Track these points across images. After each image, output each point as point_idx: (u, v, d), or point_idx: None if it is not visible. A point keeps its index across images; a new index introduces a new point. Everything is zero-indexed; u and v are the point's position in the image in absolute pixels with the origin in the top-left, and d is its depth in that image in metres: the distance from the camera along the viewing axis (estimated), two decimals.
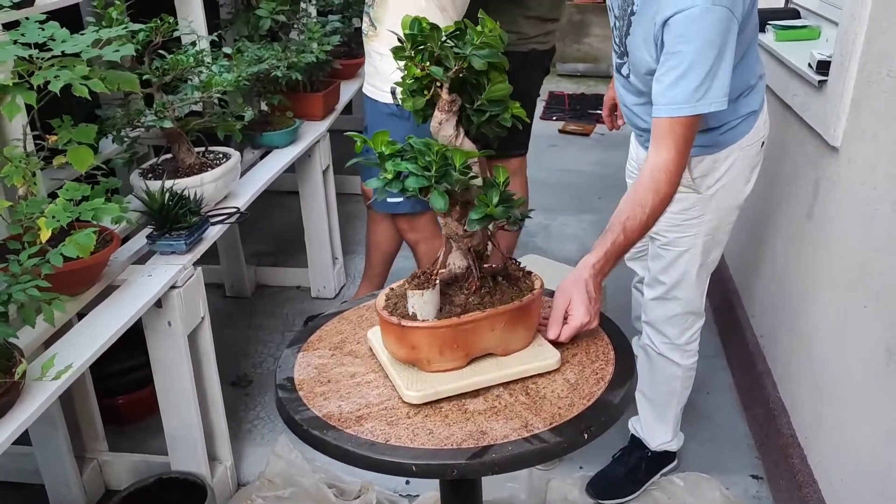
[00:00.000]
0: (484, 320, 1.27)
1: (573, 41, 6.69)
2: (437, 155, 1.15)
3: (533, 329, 1.35)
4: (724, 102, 1.52)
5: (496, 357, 1.32)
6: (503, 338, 1.30)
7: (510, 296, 1.31)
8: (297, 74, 2.66)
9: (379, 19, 2.37)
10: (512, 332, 1.30)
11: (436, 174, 1.15)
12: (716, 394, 2.56)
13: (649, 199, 1.50)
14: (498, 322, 1.28)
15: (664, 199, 1.52)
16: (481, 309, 1.28)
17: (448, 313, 1.27)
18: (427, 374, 1.28)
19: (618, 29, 1.76)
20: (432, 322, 1.26)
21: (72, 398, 2.11)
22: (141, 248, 1.96)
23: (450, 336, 1.26)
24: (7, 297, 1.31)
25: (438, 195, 1.16)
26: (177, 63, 2.05)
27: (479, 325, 1.27)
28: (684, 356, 2.00)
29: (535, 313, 1.35)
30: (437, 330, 1.25)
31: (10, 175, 1.54)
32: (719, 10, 1.46)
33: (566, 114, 5.49)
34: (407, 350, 1.28)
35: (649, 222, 1.51)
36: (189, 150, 2.13)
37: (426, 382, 1.27)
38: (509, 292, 1.31)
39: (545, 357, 1.32)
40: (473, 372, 1.29)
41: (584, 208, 3.96)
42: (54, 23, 1.55)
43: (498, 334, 1.29)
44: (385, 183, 1.17)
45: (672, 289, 1.91)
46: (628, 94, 1.84)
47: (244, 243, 3.21)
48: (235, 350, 2.85)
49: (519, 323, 1.30)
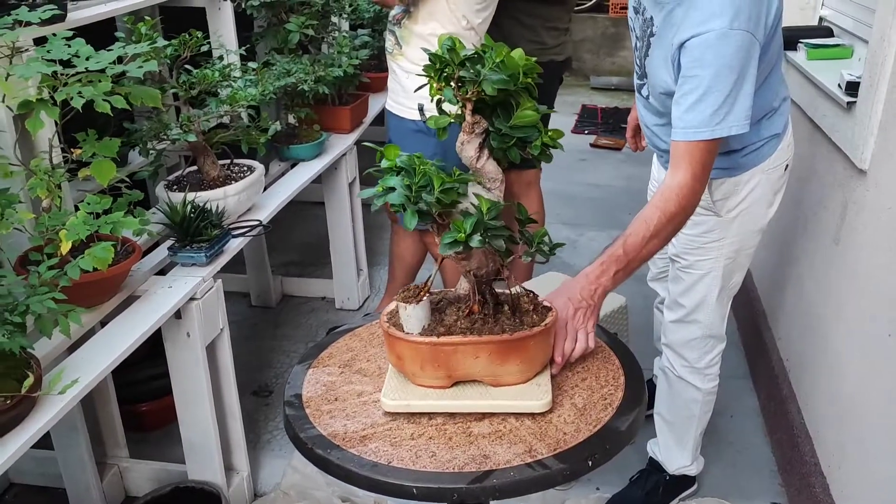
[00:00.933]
0: (465, 346, 1.26)
1: (607, 54, 6.66)
2: (419, 175, 1.15)
3: (534, 366, 1.31)
4: (744, 126, 1.49)
5: (484, 385, 1.30)
6: (491, 368, 1.28)
7: (506, 327, 1.29)
8: (324, 88, 2.69)
9: (405, 38, 2.40)
10: (501, 364, 1.27)
11: (414, 194, 1.15)
12: (740, 416, 2.51)
13: (654, 216, 1.48)
14: (482, 351, 1.26)
15: (671, 219, 1.49)
16: (464, 334, 1.27)
17: (432, 331, 1.27)
18: (412, 386, 1.29)
19: (638, 50, 1.75)
20: (411, 336, 1.27)
21: (94, 405, 2.14)
22: (164, 259, 2.00)
23: (429, 353, 1.26)
24: (25, 308, 1.34)
25: (410, 214, 1.17)
26: (203, 77, 2.08)
27: (459, 350, 1.26)
28: (704, 380, 1.96)
29: (535, 350, 1.30)
30: (414, 345, 1.27)
31: (34, 187, 1.58)
32: (737, 34, 1.44)
33: (598, 127, 5.46)
34: (394, 358, 1.32)
35: (653, 240, 1.48)
36: (213, 163, 2.16)
37: (405, 393, 1.28)
38: (508, 324, 1.29)
39: (532, 398, 1.27)
40: (455, 395, 1.29)
41: (613, 224, 3.93)
42: (80, 39, 1.58)
43: (483, 363, 1.27)
44: (376, 194, 1.20)
45: (692, 312, 1.88)
46: (649, 114, 1.82)
47: (272, 253, 3.24)
48: (259, 360, 2.88)
49: (510, 356, 1.26)
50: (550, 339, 1.33)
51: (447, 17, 2.33)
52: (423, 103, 2.39)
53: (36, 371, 1.37)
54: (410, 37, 2.38)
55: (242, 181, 2.16)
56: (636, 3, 1.73)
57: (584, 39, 6.73)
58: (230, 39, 2.62)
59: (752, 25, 1.46)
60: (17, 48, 1.59)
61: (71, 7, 1.97)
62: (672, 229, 1.49)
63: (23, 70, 1.43)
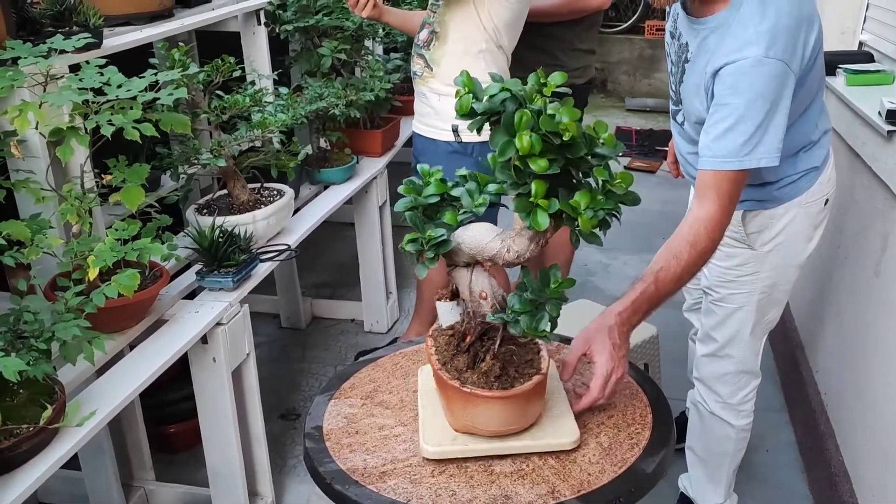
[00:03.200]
0: None
1: (643, 76, 6.62)
2: None
3: (541, 404, 1.29)
4: (775, 158, 1.45)
5: None
6: None
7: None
8: (355, 112, 2.69)
9: (436, 61, 2.39)
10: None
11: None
12: (776, 451, 2.44)
13: (685, 251, 1.44)
14: None
15: (702, 254, 1.46)
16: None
17: None
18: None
19: (673, 75, 1.72)
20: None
21: (121, 427, 2.15)
22: (192, 283, 2.00)
23: None
24: (51, 335, 1.34)
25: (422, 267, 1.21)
26: (234, 103, 2.10)
27: None
28: (738, 416, 1.90)
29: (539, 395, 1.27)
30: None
31: (65, 212, 1.59)
32: (772, 63, 1.40)
33: (633, 150, 5.41)
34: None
35: (684, 276, 1.45)
36: (243, 187, 2.17)
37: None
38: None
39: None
40: None
41: (647, 248, 3.87)
42: (112, 67, 1.60)
43: None
44: None
45: (724, 346, 1.83)
46: (683, 141, 1.79)
47: (302, 274, 3.25)
48: (287, 382, 2.87)
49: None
50: None
51: (480, 36, 2.31)
52: (457, 124, 2.38)
53: (59, 398, 1.38)
54: (442, 58, 2.38)
55: (271, 206, 2.16)
56: (672, 28, 1.70)
57: (620, 61, 6.69)
58: (264, 63, 2.64)
59: (788, 55, 1.42)
60: (51, 75, 1.61)
61: (107, 34, 2.01)
62: (702, 263, 1.46)
63: (55, 98, 1.45)
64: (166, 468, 2.36)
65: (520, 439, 1.24)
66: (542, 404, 1.26)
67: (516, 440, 1.23)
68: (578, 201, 1.13)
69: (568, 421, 1.27)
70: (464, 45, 2.34)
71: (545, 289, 1.16)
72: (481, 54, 2.35)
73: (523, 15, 2.41)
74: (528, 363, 1.24)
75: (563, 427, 1.26)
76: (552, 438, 1.24)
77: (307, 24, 2.73)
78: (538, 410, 1.26)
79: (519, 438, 1.24)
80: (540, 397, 1.24)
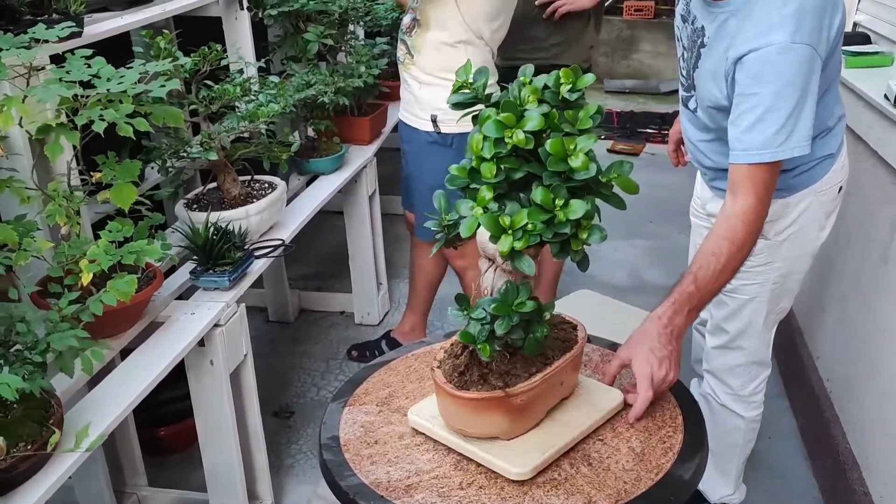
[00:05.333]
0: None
1: (622, 57, 6.57)
2: None
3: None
4: (807, 146, 1.41)
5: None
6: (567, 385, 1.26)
7: None
8: (344, 99, 2.61)
9: (417, 48, 2.34)
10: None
11: None
12: (779, 439, 2.43)
13: (724, 247, 1.40)
14: None
15: (741, 248, 1.42)
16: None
17: None
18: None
19: (685, 61, 1.66)
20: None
21: (112, 433, 2.06)
22: (185, 282, 1.92)
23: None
24: (46, 347, 1.26)
25: None
26: (223, 93, 2.01)
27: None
28: (748, 408, 1.87)
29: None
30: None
31: (52, 214, 1.50)
32: (799, 48, 1.35)
33: (614, 132, 5.37)
34: None
35: (725, 272, 1.41)
36: (234, 181, 2.09)
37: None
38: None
39: (610, 398, 1.28)
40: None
41: (636, 233, 3.84)
42: (101, 59, 1.51)
43: None
44: None
45: (736, 338, 1.80)
46: (693, 129, 1.74)
47: (289, 266, 3.16)
48: (278, 379, 2.80)
49: None
50: None
51: (459, 26, 2.28)
52: (436, 114, 2.32)
53: (56, 412, 1.30)
54: (422, 46, 2.33)
55: (265, 199, 2.08)
56: (684, 11, 1.64)
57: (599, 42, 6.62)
58: (248, 50, 2.54)
59: (815, 39, 1.37)
60: (34, 67, 1.51)
61: (86, 21, 1.90)
62: (742, 258, 1.41)
63: (41, 93, 1.35)
64: (157, 471, 2.28)
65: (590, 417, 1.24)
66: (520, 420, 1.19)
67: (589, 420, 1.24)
68: (515, 219, 1.04)
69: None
70: (444, 34, 2.30)
71: (504, 303, 1.10)
72: (461, 45, 2.30)
73: (506, 9, 2.35)
74: None
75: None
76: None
77: (291, 8, 2.63)
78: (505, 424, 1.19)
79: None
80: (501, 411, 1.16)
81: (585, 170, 1.03)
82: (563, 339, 1.24)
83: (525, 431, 1.20)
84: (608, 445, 1.22)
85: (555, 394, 1.23)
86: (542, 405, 1.21)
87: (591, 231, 1.05)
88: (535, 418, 1.21)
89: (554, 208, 1.03)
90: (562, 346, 1.23)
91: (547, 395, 1.21)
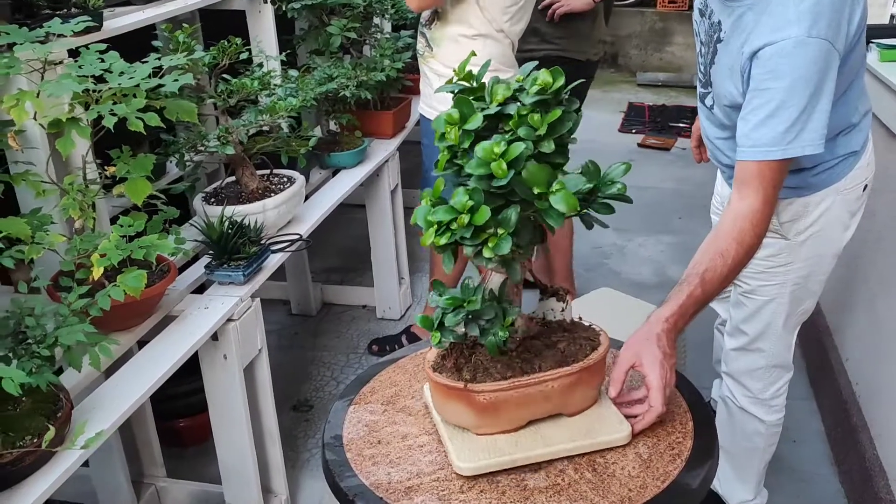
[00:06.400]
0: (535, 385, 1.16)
1: (655, 50, 6.47)
2: None
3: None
4: (819, 145, 1.36)
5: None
6: (561, 402, 1.20)
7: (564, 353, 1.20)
8: (366, 93, 2.60)
9: (436, 41, 2.33)
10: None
11: None
12: (804, 442, 2.37)
13: (731, 249, 1.36)
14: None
15: (748, 251, 1.38)
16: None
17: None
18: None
19: (703, 56, 1.62)
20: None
21: (130, 424, 2.09)
22: (201, 276, 1.92)
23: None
24: (53, 341, 1.27)
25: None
26: (241, 87, 2.01)
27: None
28: (769, 412, 1.82)
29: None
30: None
31: (67, 207, 1.51)
32: (816, 43, 1.30)
33: (646, 126, 5.29)
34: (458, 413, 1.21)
35: (731, 275, 1.38)
36: (252, 175, 2.09)
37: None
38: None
39: (612, 430, 1.19)
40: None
41: (663, 229, 3.78)
42: (114, 53, 1.51)
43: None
44: None
45: (755, 340, 1.75)
46: (711, 126, 1.69)
47: (311, 259, 3.17)
48: (298, 372, 2.81)
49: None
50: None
51: (478, 20, 2.27)
52: None
53: (65, 407, 1.31)
54: (442, 39, 2.33)
55: (282, 194, 2.08)
56: (702, 5, 1.60)
57: (631, 35, 6.54)
58: (271, 43, 2.54)
59: (832, 34, 1.32)
60: (50, 62, 1.52)
61: (107, 15, 1.91)
62: (748, 260, 1.38)
63: (53, 87, 1.36)
64: (177, 463, 2.30)
65: (572, 440, 1.18)
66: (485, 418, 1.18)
67: (569, 442, 1.18)
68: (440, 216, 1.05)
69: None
70: (463, 27, 2.29)
71: (457, 297, 1.13)
72: (480, 38, 2.28)
73: (526, 1, 2.32)
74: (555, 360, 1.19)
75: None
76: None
77: (315, 1, 2.62)
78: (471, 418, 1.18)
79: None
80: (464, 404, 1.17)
81: (503, 177, 1.00)
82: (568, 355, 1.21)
83: (497, 431, 1.18)
84: (614, 451, 1.19)
85: (538, 405, 1.18)
86: (517, 412, 1.18)
87: (499, 241, 1.02)
88: (508, 422, 1.18)
89: (462, 210, 1.02)
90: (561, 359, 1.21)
91: (527, 404, 1.17)
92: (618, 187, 1.05)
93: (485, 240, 1.01)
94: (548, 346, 1.20)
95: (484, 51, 2.29)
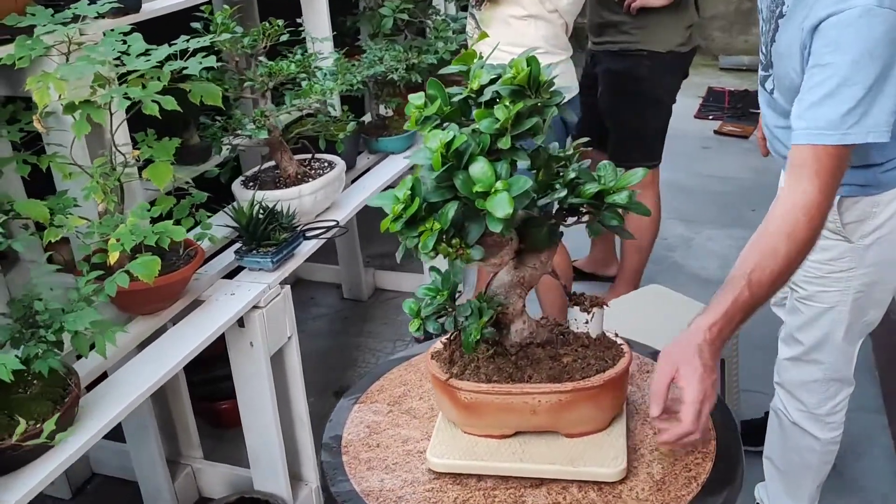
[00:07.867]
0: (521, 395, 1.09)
1: (740, 32, 6.16)
2: None
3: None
4: (884, 133, 1.21)
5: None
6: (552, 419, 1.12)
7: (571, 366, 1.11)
8: (416, 76, 2.53)
9: (486, 22, 2.25)
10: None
11: None
12: (872, 458, 2.19)
13: (783, 245, 1.20)
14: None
15: (803, 248, 1.22)
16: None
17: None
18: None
19: (764, 34, 1.48)
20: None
21: (167, 402, 2.11)
22: (233, 262, 1.91)
23: None
24: (60, 326, 1.26)
25: None
26: (279, 69, 1.97)
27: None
28: (825, 429, 1.68)
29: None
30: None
31: (90, 190, 1.51)
32: (885, 14, 1.15)
33: (724, 112, 5.04)
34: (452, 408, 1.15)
35: (783, 276, 1.21)
36: (290, 159, 2.05)
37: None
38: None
39: (602, 463, 1.08)
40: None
41: (735, 222, 3.58)
42: (137, 34, 1.49)
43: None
44: None
45: (811, 350, 1.61)
46: (772, 113, 1.55)
47: (364, 244, 3.14)
48: (345, 358, 2.79)
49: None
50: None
51: (530, 0, 2.16)
52: None
53: (72, 392, 1.30)
54: (491, 20, 2.24)
55: (319, 179, 2.04)
56: None
57: (715, 16, 6.24)
58: (324, 25, 2.50)
59: None
60: (78, 44, 1.51)
61: None
62: (802, 258, 1.22)
63: (67, 70, 1.34)
64: (217, 444, 2.32)
65: (551, 463, 1.09)
66: None
67: (547, 464, 1.09)
68: None
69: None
70: (514, 8, 2.19)
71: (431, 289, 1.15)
72: (531, 19, 2.19)
73: None
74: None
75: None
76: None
77: None
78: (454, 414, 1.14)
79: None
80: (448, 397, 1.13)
81: (437, 169, 0.95)
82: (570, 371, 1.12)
83: (482, 434, 1.13)
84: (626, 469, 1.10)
85: (524, 417, 1.10)
86: (501, 418, 1.11)
87: (429, 236, 0.99)
88: (493, 427, 1.12)
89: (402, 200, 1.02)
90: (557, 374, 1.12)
91: (511, 412, 1.10)
92: (623, 197, 0.94)
93: (422, 232, 0.95)
94: (551, 358, 1.11)
95: (535, 33, 2.20)
